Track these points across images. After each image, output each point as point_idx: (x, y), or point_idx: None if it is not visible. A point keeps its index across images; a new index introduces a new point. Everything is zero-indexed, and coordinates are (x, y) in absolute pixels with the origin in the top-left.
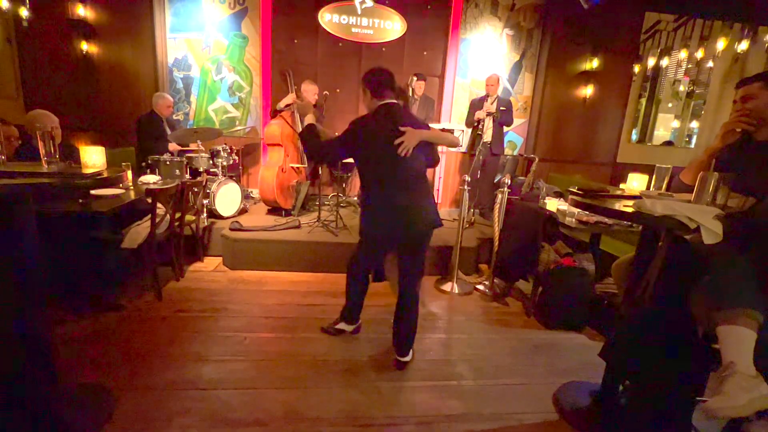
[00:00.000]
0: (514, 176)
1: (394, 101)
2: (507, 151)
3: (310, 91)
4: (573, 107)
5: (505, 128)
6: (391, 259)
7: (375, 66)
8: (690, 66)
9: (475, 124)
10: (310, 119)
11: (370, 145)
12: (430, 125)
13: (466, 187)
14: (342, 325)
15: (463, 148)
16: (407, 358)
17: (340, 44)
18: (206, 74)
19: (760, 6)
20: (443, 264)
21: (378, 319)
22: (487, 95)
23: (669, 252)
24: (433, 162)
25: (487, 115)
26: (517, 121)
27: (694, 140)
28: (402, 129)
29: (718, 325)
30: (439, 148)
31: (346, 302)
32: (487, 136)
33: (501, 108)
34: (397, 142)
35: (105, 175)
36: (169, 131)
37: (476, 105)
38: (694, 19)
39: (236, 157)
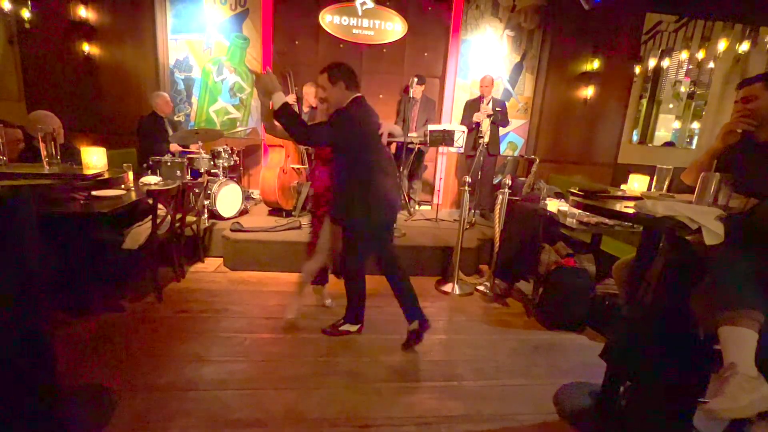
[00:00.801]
0: (515, 177)
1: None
2: (508, 151)
3: (311, 93)
4: (574, 108)
5: (501, 129)
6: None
7: (335, 61)
8: (691, 67)
9: (473, 126)
10: (280, 98)
11: (363, 134)
12: (430, 126)
13: (466, 188)
14: (347, 326)
15: (462, 149)
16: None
17: (341, 45)
18: (207, 75)
19: (761, 7)
20: (444, 265)
21: (379, 320)
22: (482, 96)
23: (670, 253)
24: None
25: (486, 117)
26: (518, 122)
27: (695, 141)
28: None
29: (719, 326)
30: (440, 149)
31: (349, 305)
32: (487, 137)
33: (497, 109)
34: (381, 131)
35: (106, 176)
36: (171, 131)
37: (472, 106)
38: (695, 20)
39: (237, 158)
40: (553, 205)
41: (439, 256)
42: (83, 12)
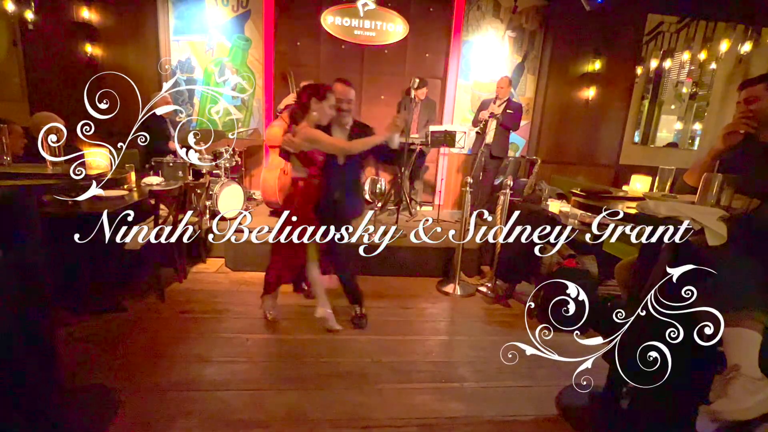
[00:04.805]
0: (517, 178)
1: None
2: (509, 152)
3: None
4: (575, 109)
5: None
6: None
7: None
8: (693, 68)
9: (481, 125)
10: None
11: None
12: (432, 127)
13: (468, 189)
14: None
15: (465, 149)
16: None
17: (343, 46)
18: (209, 76)
19: (763, 8)
20: (445, 266)
21: (380, 321)
22: (497, 97)
23: (672, 254)
24: None
25: (490, 117)
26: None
27: (697, 142)
28: None
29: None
30: (442, 150)
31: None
32: (489, 137)
33: (508, 111)
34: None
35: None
36: (173, 132)
37: (484, 105)
38: (696, 21)
39: (239, 159)
40: (555, 206)
41: (440, 257)
42: (86, 13)
